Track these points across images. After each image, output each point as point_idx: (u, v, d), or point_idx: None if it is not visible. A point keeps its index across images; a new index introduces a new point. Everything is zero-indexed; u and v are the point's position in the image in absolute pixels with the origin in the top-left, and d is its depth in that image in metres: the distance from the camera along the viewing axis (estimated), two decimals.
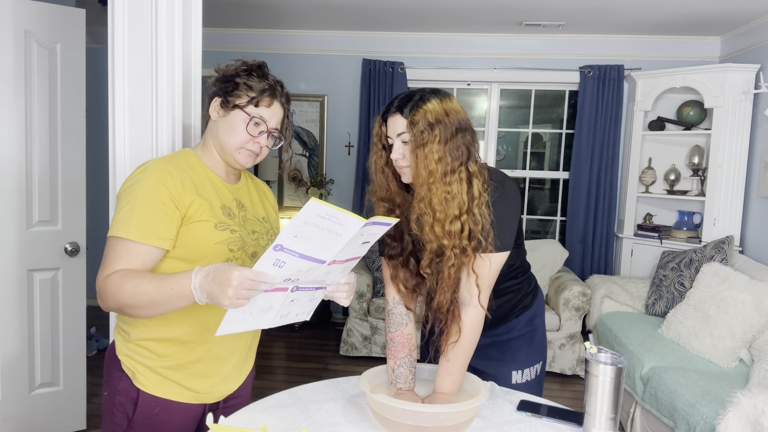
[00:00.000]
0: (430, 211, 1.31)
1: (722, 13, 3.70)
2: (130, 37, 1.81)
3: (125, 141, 1.84)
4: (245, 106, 1.30)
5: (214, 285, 1.03)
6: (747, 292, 2.80)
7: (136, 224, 1.19)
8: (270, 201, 1.55)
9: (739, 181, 3.73)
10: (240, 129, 1.31)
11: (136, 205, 1.20)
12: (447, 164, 1.30)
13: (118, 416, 1.31)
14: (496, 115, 4.75)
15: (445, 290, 1.37)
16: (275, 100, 1.33)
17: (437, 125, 1.29)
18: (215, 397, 1.39)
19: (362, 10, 4.01)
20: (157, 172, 1.24)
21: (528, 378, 1.66)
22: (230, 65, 1.36)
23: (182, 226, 1.25)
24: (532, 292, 1.69)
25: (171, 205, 1.22)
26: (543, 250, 4.28)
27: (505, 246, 1.40)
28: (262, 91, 1.31)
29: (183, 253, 1.26)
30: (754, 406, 1.94)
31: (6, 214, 2.43)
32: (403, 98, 1.34)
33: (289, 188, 4.91)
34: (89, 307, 2.80)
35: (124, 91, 1.83)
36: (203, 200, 1.28)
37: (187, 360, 1.32)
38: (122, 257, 1.18)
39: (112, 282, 1.15)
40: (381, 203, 1.44)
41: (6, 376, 2.47)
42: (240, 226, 1.33)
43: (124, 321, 1.34)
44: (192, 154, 1.37)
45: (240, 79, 1.32)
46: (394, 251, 1.46)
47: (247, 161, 1.35)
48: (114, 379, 1.33)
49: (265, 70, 1.35)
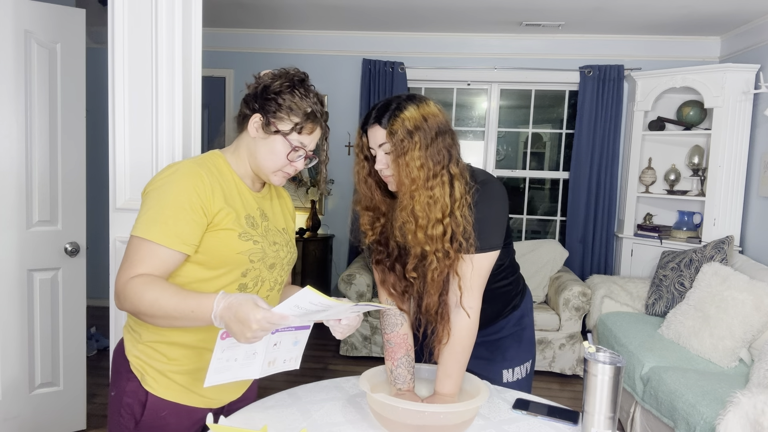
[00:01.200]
0: (412, 219, 1.31)
1: (722, 13, 3.70)
2: (130, 37, 1.81)
3: (125, 141, 1.85)
4: (288, 134, 1.26)
5: (234, 322, 1.04)
6: (747, 292, 2.80)
7: (163, 227, 1.17)
8: (289, 208, 1.53)
9: (739, 181, 3.73)
10: (280, 155, 1.28)
11: (165, 207, 1.18)
12: (429, 169, 1.30)
13: (125, 417, 1.30)
14: (496, 115, 4.75)
15: (432, 293, 1.38)
16: (317, 125, 1.30)
17: (416, 132, 1.29)
18: (221, 402, 1.39)
19: (362, 10, 4.01)
20: (189, 176, 1.22)
21: (519, 376, 1.67)
22: (270, 76, 1.30)
23: (207, 233, 1.23)
24: (521, 292, 1.71)
25: (200, 211, 1.21)
26: (543, 250, 4.28)
27: (491, 246, 1.40)
28: (306, 116, 1.27)
29: (204, 259, 1.25)
30: (754, 406, 1.94)
31: (6, 214, 2.43)
32: (380, 108, 1.33)
33: (289, 188, 4.91)
34: (89, 307, 2.81)
35: (124, 91, 1.83)
36: (230, 208, 1.26)
37: (198, 366, 1.31)
38: (146, 260, 1.17)
39: (133, 287, 1.13)
40: (366, 212, 1.44)
41: (6, 376, 2.47)
42: (262, 236, 1.32)
43: (135, 321, 1.33)
44: (222, 158, 1.34)
45: (283, 99, 1.26)
46: (380, 256, 1.47)
47: (281, 182, 1.34)
48: (122, 379, 1.32)
49: (307, 85, 1.30)
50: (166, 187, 1.21)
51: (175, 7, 1.81)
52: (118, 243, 1.86)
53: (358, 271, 4.00)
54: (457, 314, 1.40)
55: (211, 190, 1.23)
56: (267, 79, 1.29)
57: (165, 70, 1.82)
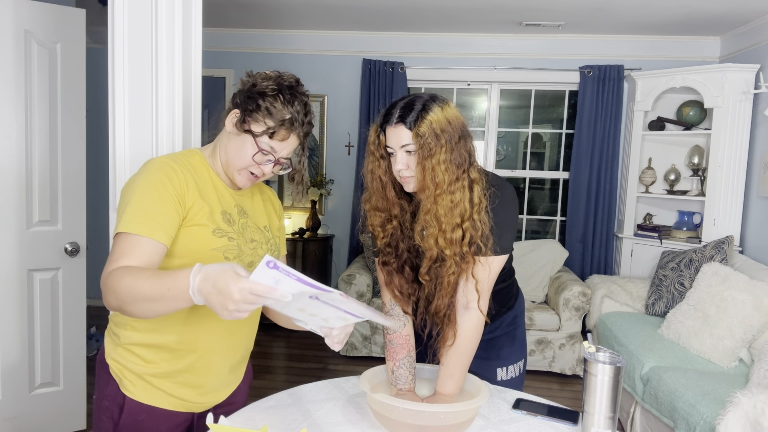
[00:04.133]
0: (435, 223, 1.31)
1: (722, 13, 3.70)
2: (130, 37, 1.81)
3: (125, 141, 1.85)
4: (259, 135, 1.23)
5: (213, 293, 0.95)
6: (747, 292, 2.79)
7: (143, 219, 1.15)
8: (275, 207, 1.50)
9: (739, 181, 3.73)
10: (247, 155, 1.25)
11: (142, 200, 1.17)
12: (452, 173, 1.29)
13: (104, 421, 1.30)
14: (496, 115, 4.75)
15: (444, 296, 1.38)
16: (292, 134, 1.26)
17: (443, 135, 1.27)
18: (202, 407, 1.37)
19: (362, 10, 4.01)
20: (162, 168, 1.21)
21: (513, 375, 1.68)
22: (262, 76, 1.27)
23: (181, 228, 1.22)
24: (516, 292, 1.73)
25: (176, 202, 1.20)
26: (543, 250, 4.28)
27: (505, 249, 1.42)
28: (281, 122, 1.23)
29: (178, 255, 1.24)
30: (754, 406, 1.94)
31: (6, 214, 2.43)
32: (404, 108, 1.30)
33: (289, 188, 4.91)
34: (89, 307, 2.81)
35: (124, 91, 1.83)
36: (204, 203, 1.25)
37: (175, 368, 1.29)
38: (127, 253, 1.13)
39: (112, 278, 1.10)
40: (377, 212, 1.41)
41: (6, 376, 2.47)
42: (239, 234, 1.30)
43: (115, 323, 1.32)
44: (199, 155, 1.33)
45: (264, 101, 1.23)
46: (388, 258, 1.45)
47: (245, 183, 1.31)
48: (102, 382, 1.31)
49: (295, 92, 1.26)
50: (140, 181, 1.20)
51: (175, 7, 1.81)
52: None
53: (358, 271, 4.00)
54: (465, 316, 1.40)
55: (185, 183, 1.23)
56: (258, 78, 1.28)
57: (165, 70, 1.82)
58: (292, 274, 0.91)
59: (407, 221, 1.43)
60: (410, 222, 1.42)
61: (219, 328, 1.32)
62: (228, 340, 1.35)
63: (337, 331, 1.12)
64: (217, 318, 1.30)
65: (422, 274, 1.38)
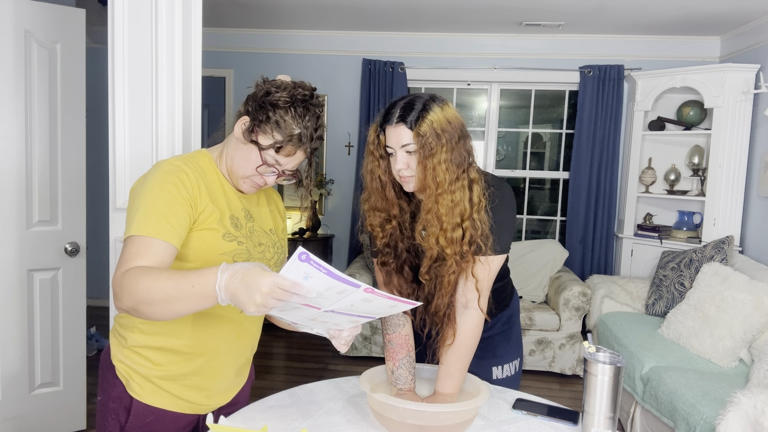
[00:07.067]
0: (436, 222, 1.31)
1: (722, 13, 3.70)
2: (130, 37, 1.81)
3: (125, 141, 1.85)
4: (265, 149, 1.22)
5: (241, 288, 0.95)
6: (747, 292, 2.80)
7: (154, 221, 1.14)
8: (279, 208, 1.50)
9: (739, 181, 3.73)
10: (251, 165, 1.24)
11: (155, 202, 1.16)
12: (453, 173, 1.30)
13: (110, 423, 1.29)
14: (496, 115, 4.75)
15: (444, 295, 1.38)
16: (299, 149, 1.24)
17: (443, 134, 1.28)
18: (208, 408, 1.37)
19: (362, 10, 4.01)
20: (174, 171, 1.20)
21: (508, 373, 1.68)
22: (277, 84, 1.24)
23: (191, 231, 1.21)
24: (511, 291, 1.74)
25: (188, 205, 1.19)
26: (543, 250, 4.28)
27: (504, 249, 1.42)
28: (289, 138, 1.21)
29: (188, 258, 1.23)
30: (754, 406, 1.94)
31: (6, 214, 2.43)
32: (404, 107, 1.30)
33: (289, 188, 4.91)
34: (89, 307, 2.81)
35: (124, 91, 1.83)
36: (215, 207, 1.24)
37: (183, 371, 1.29)
38: (140, 254, 1.11)
39: (128, 277, 1.07)
40: (376, 213, 1.42)
41: (6, 376, 2.47)
42: (247, 237, 1.30)
43: (121, 325, 1.32)
44: (208, 157, 1.32)
45: (275, 114, 1.21)
46: (387, 258, 1.45)
47: (248, 190, 1.31)
48: (108, 384, 1.31)
49: (308, 105, 1.23)
50: (152, 183, 1.19)
51: (175, 7, 1.81)
52: (118, 243, 1.86)
53: (358, 271, 4.00)
54: (464, 315, 1.40)
55: (197, 187, 1.22)
56: (273, 86, 1.24)
57: (165, 70, 1.82)
58: (323, 268, 0.91)
59: (406, 221, 1.43)
60: (409, 222, 1.43)
61: (227, 332, 1.32)
62: (235, 343, 1.35)
63: (347, 333, 1.14)
64: (226, 321, 1.31)
65: (422, 274, 1.39)
